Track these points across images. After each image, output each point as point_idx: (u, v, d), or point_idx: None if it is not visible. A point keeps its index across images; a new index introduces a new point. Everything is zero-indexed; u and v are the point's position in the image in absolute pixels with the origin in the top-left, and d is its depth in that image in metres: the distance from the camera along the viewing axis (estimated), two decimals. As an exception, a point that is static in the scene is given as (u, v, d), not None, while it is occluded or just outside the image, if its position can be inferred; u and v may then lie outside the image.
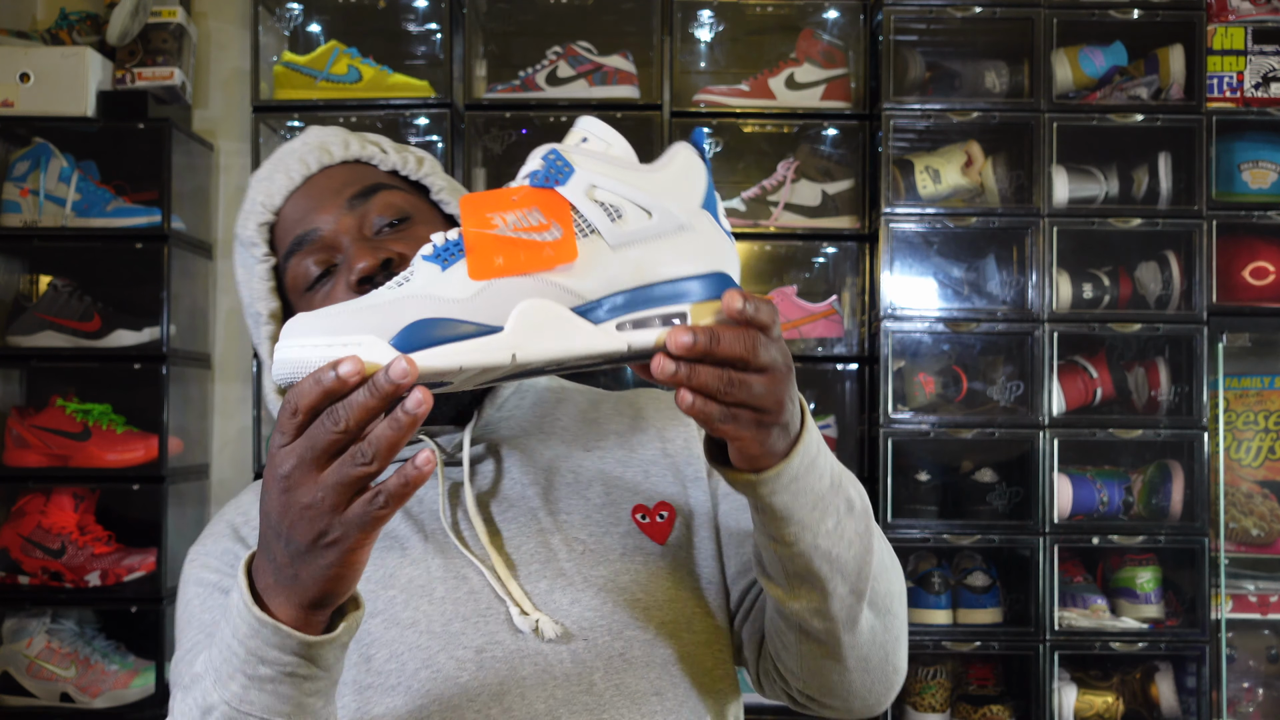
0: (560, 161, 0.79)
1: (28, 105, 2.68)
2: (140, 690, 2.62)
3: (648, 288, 0.79)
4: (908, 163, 2.72)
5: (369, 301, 0.76)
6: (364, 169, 1.10)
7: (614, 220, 0.79)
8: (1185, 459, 2.66)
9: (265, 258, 1.07)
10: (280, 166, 1.09)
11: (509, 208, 0.78)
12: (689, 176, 0.82)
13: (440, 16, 2.87)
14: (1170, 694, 2.64)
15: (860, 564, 0.92)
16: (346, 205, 1.06)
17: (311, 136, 1.12)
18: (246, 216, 1.09)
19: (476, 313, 0.75)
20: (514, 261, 0.76)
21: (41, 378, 2.80)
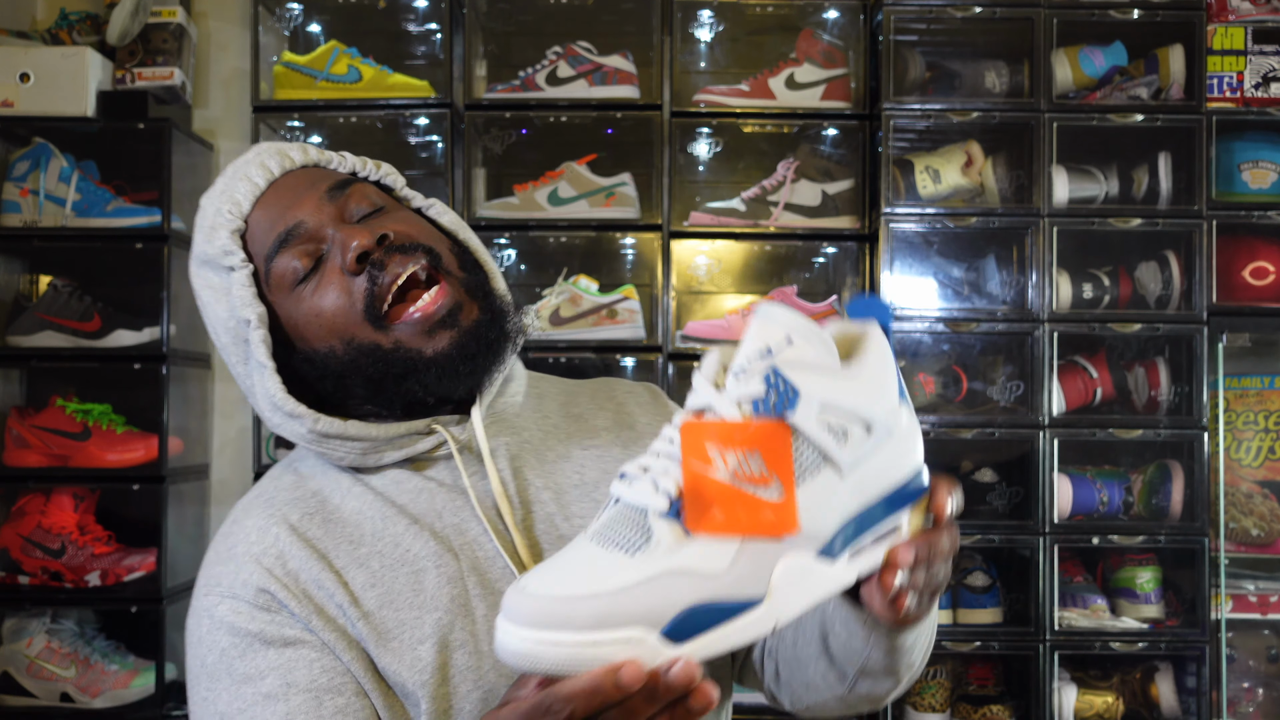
0: (785, 384, 0.72)
1: (28, 105, 2.68)
2: (140, 690, 2.62)
3: (869, 508, 0.76)
4: (908, 163, 2.72)
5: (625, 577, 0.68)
6: (324, 171, 1.06)
7: (840, 444, 0.73)
8: (1185, 459, 2.66)
9: (244, 264, 1.00)
10: (239, 175, 1.04)
11: (730, 444, 0.70)
12: (885, 369, 0.76)
13: (440, 16, 2.87)
14: (1170, 694, 2.64)
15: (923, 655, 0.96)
16: (326, 196, 1.02)
17: (264, 146, 1.07)
18: (213, 231, 1.01)
19: (737, 586, 0.70)
20: (734, 522, 0.70)
21: (41, 378, 2.80)
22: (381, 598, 0.96)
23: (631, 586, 0.68)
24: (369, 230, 0.98)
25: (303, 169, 1.05)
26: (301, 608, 0.95)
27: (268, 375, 0.99)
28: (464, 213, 2.77)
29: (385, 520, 1.00)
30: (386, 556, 0.98)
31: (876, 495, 0.76)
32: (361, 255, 0.97)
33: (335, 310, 0.98)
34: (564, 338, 2.72)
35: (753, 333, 0.75)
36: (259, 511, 1.02)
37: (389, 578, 0.97)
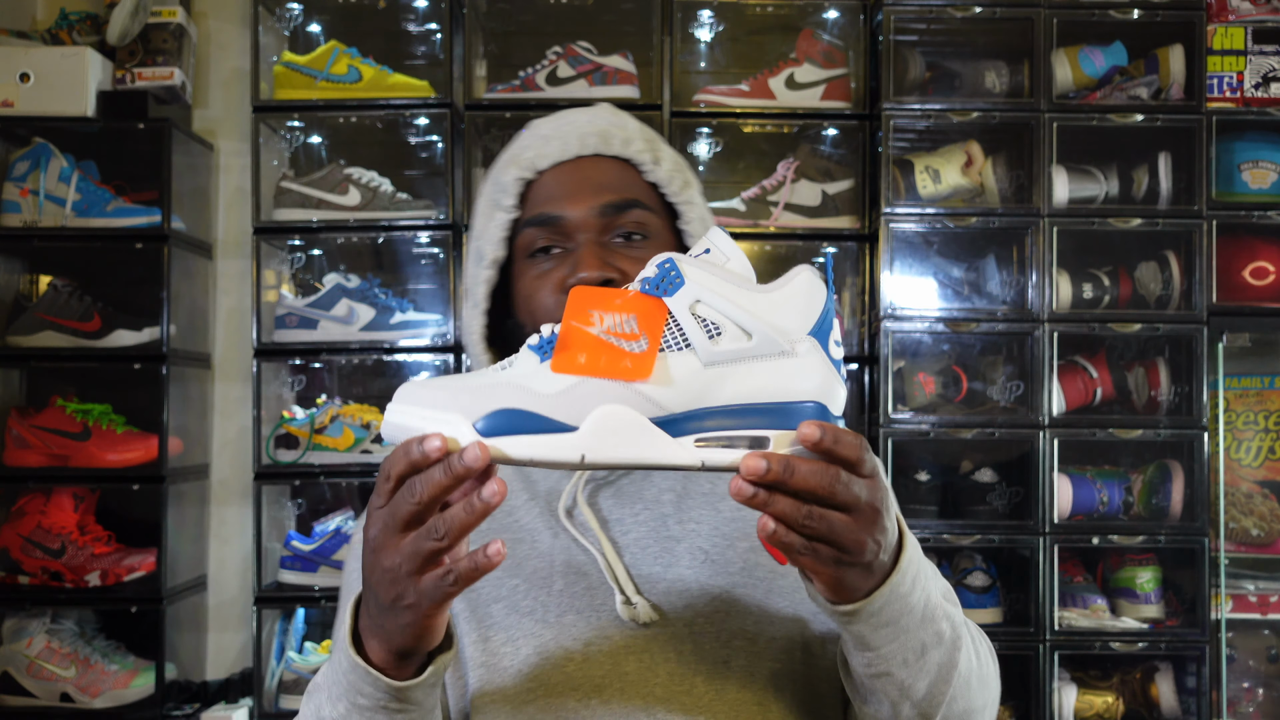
0: (674, 272, 0.81)
1: (28, 105, 2.68)
2: (140, 690, 2.62)
3: (734, 408, 0.79)
4: (908, 163, 2.72)
5: (473, 382, 0.80)
6: (630, 173, 1.12)
7: (711, 338, 0.80)
8: (1185, 459, 2.66)
9: (511, 209, 1.11)
10: (559, 134, 1.12)
11: (610, 309, 0.80)
12: (803, 300, 0.81)
13: (440, 16, 2.87)
14: (1170, 694, 2.64)
15: (934, 691, 0.91)
16: (599, 209, 1.09)
17: (601, 118, 1.13)
18: (510, 164, 1.12)
19: (557, 410, 0.78)
20: (594, 364, 0.79)
21: (41, 378, 2.80)
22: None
23: (472, 386, 0.80)
24: (602, 265, 1.06)
25: (614, 159, 1.11)
26: None
27: (476, 314, 1.13)
28: (464, 213, 2.77)
29: (513, 493, 1.13)
30: (495, 519, 1.11)
31: (742, 399, 0.79)
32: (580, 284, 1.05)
33: (539, 303, 1.08)
34: (564, 338, 2.72)
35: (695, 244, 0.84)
36: None
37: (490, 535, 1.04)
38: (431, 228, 2.76)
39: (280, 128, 2.87)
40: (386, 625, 0.83)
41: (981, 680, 0.97)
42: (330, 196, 2.77)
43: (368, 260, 2.97)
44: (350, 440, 2.73)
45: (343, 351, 2.75)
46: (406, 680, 0.86)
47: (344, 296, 2.75)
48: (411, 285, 2.98)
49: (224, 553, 2.92)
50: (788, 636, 1.06)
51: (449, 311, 2.78)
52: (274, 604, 2.73)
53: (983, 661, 0.97)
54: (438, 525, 0.77)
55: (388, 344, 2.75)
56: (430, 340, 2.76)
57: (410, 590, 0.80)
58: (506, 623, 1.06)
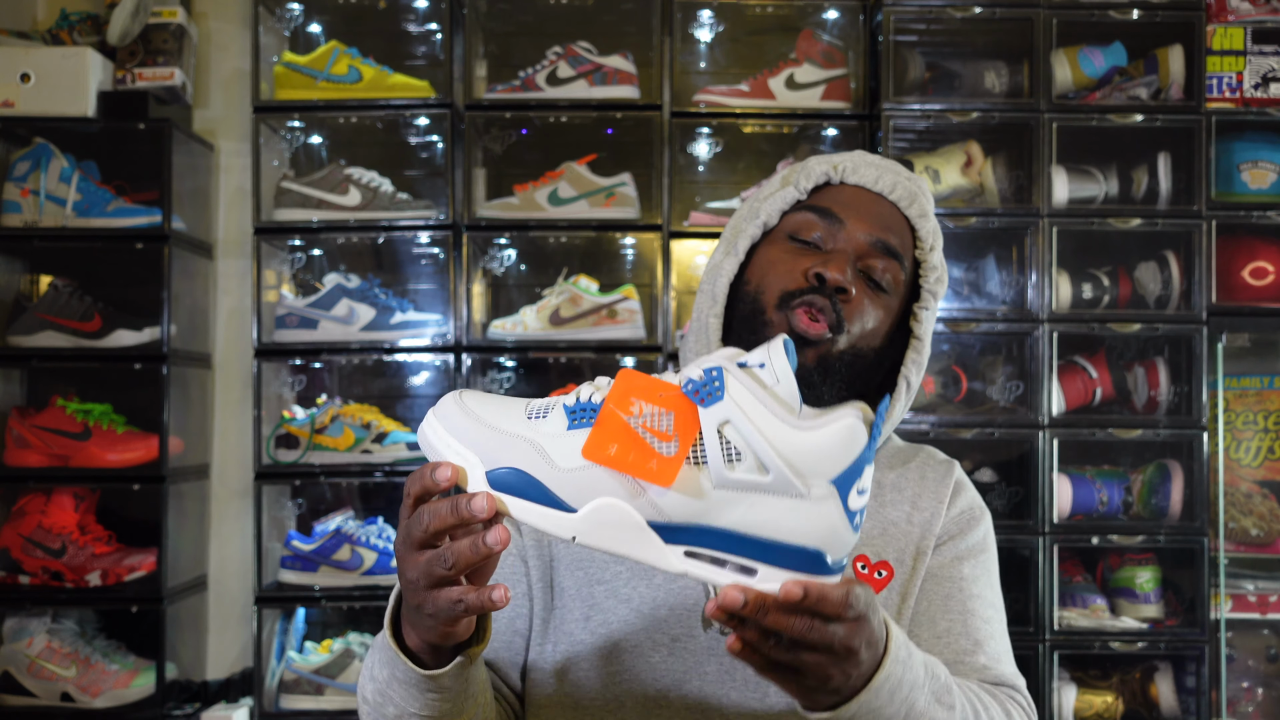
0: (718, 383, 0.80)
1: (28, 105, 2.68)
2: (141, 690, 2.62)
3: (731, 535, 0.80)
4: (908, 163, 2.72)
5: (504, 423, 0.84)
6: (909, 236, 1.20)
7: (728, 461, 0.79)
8: (1185, 459, 2.66)
9: (804, 192, 1.19)
10: (880, 167, 1.20)
11: (652, 399, 0.81)
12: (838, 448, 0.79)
13: (440, 16, 2.87)
14: (1170, 694, 2.64)
15: None
16: (874, 242, 1.16)
17: (917, 184, 1.21)
18: (823, 161, 1.20)
19: (563, 488, 0.81)
20: (623, 458, 0.80)
21: (42, 378, 2.80)
22: None
23: (499, 431, 0.83)
24: (845, 282, 1.12)
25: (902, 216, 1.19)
26: None
27: (732, 259, 1.19)
28: (464, 213, 2.77)
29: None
30: None
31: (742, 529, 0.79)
32: (820, 279, 1.12)
33: (781, 274, 1.15)
34: (564, 338, 2.72)
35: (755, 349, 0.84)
36: None
37: None
38: (431, 228, 2.76)
39: (280, 128, 2.87)
40: (414, 622, 0.91)
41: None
42: (330, 196, 2.77)
43: (368, 260, 2.97)
44: (350, 440, 2.73)
45: (343, 351, 2.75)
46: (435, 670, 0.92)
47: (344, 296, 2.75)
48: (411, 285, 2.98)
49: (224, 553, 2.92)
50: None
51: (449, 311, 2.78)
52: (274, 604, 2.73)
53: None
54: (447, 556, 0.83)
55: (388, 344, 2.75)
56: (430, 340, 2.76)
57: (428, 602, 0.86)
58: (606, 605, 1.12)
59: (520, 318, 2.76)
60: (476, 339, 2.78)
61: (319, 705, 2.66)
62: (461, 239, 2.77)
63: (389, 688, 0.95)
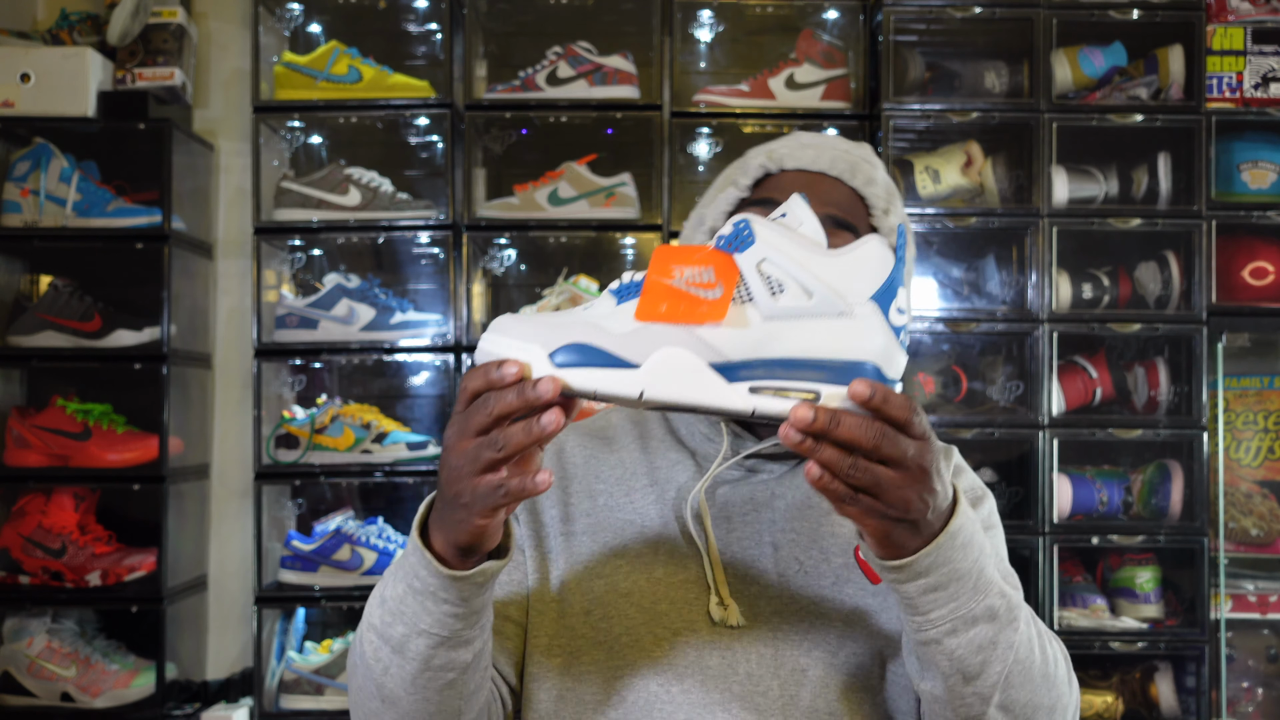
0: (746, 231, 0.86)
1: (28, 105, 2.68)
2: (141, 690, 2.62)
3: (789, 361, 0.84)
4: (908, 163, 2.73)
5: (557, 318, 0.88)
6: (859, 208, 1.18)
7: (774, 294, 0.85)
8: (1185, 459, 2.66)
9: (745, 189, 1.19)
10: (820, 149, 1.19)
11: (690, 262, 0.86)
12: (868, 266, 0.85)
13: (440, 16, 2.87)
14: (1170, 694, 2.64)
15: (985, 668, 0.92)
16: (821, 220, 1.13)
17: (858, 152, 1.19)
18: (758, 153, 1.21)
19: (624, 348, 0.85)
20: (674, 310, 0.85)
21: (42, 378, 2.80)
22: (591, 528, 1.15)
23: (555, 322, 0.87)
24: None
25: (849, 188, 1.17)
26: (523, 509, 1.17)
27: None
28: (464, 213, 2.77)
29: (635, 476, 1.18)
30: (611, 497, 1.17)
31: (799, 354, 0.84)
32: None
33: None
34: (564, 338, 2.72)
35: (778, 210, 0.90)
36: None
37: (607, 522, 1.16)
38: (431, 228, 2.76)
39: (280, 128, 2.87)
40: (446, 519, 0.90)
41: (1047, 678, 0.97)
42: (330, 196, 2.77)
43: (368, 260, 2.97)
44: (350, 440, 2.73)
45: (343, 351, 2.75)
46: (458, 571, 0.91)
47: (344, 296, 2.75)
48: (411, 285, 2.98)
49: (224, 553, 2.92)
50: (869, 652, 1.10)
51: (449, 311, 2.78)
52: (274, 604, 2.73)
53: (1049, 660, 0.98)
54: (499, 438, 0.84)
55: (388, 344, 2.75)
56: (430, 340, 2.76)
57: (467, 490, 0.86)
58: (606, 599, 1.12)
59: (520, 318, 2.76)
60: (476, 339, 2.77)
61: (319, 705, 2.66)
62: (461, 239, 2.77)
63: (402, 604, 0.94)
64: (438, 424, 2.90)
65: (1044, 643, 0.98)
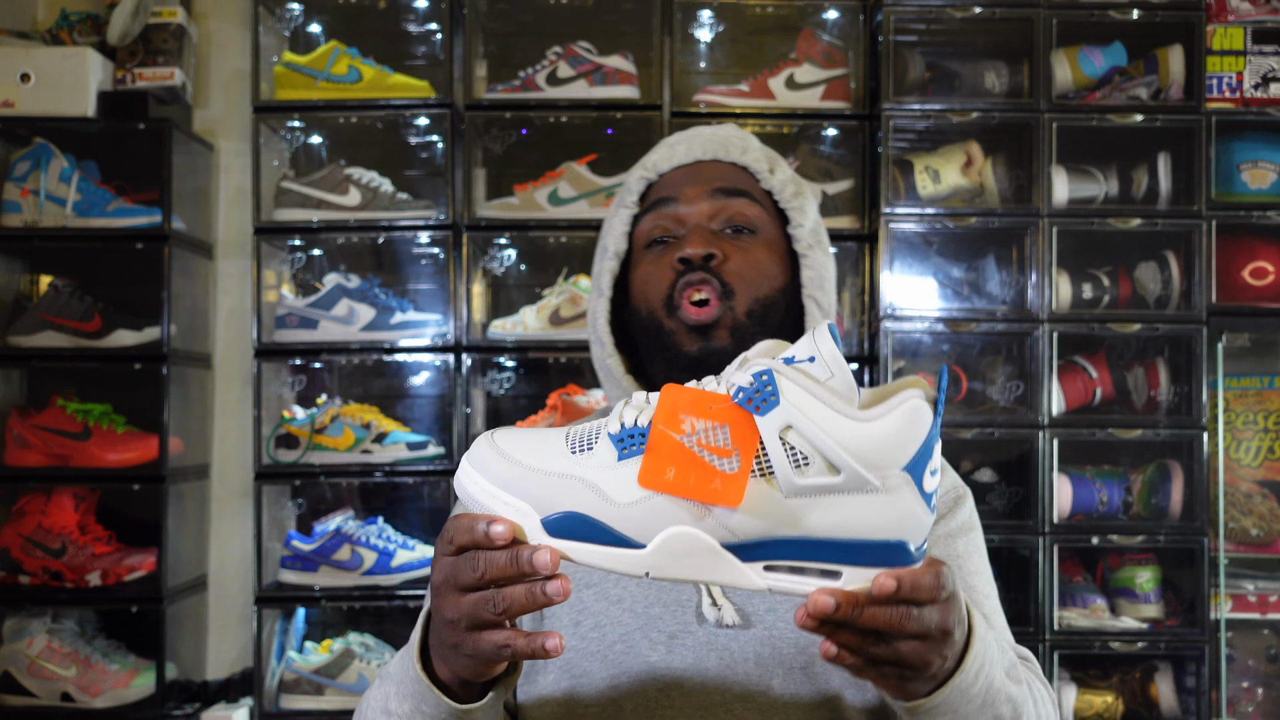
0: (770, 387, 0.76)
1: (28, 105, 2.68)
2: (141, 690, 2.62)
3: (809, 542, 0.76)
4: (907, 163, 2.73)
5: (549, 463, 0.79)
6: (745, 176, 1.21)
7: (798, 468, 0.76)
8: (1185, 459, 2.66)
9: (633, 205, 1.22)
10: (684, 142, 1.23)
11: (702, 414, 0.76)
12: (905, 433, 0.76)
13: (440, 16, 2.87)
14: (1170, 694, 2.64)
15: None
16: (709, 194, 1.18)
17: (726, 131, 1.24)
18: (636, 169, 1.24)
19: (628, 524, 0.77)
20: (683, 482, 0.75)
21: (42, 378, 2.80)
22: None
23: (546, 473, 0.78)
24: (706, 243, 1.14)
25: (730, 164, 1.21)
26: None
27: (601, 300, 1.21)
28: (464, 213, 2.77)
29: None
30: None
31: (822, 534, 0.76)
32: (686, 260, 1.14)
33: (654, 287, 1.17)
34: (564, 338, 2.72)
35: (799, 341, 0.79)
36: None
37: None
38: (431, 228, 2.76)
39: (280, 128, 2.87)
40: (448, 659, 0.87)
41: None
42: (330, 196, 2.77)
43: (368, 260, 2.97)
44: (350, 440, 2.73)
45: (343, 351, 2.75)
46: (468, 704, 0.90)
47: (344, 296, 2.75)
48: (411, 285, 2.98)
49: (224, 553, 2.92)
50: None
51: (449, 311, 2.78)
52: (274, 604, 2.73)
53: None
54: (498, 600, 0.79)
55: (388, 344, 2.75)
56: (430, 340, 2.76)
57: (468, 643, 0.83)
58: (596, 609, 1.11)
59: (520, 318, 2.76)
60: (476, 339, 2.78)
61: (319, 705, 2.66)
62: (461, 239, 2.77)
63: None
64: (438, 424, 2.90)
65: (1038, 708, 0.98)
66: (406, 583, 2.68)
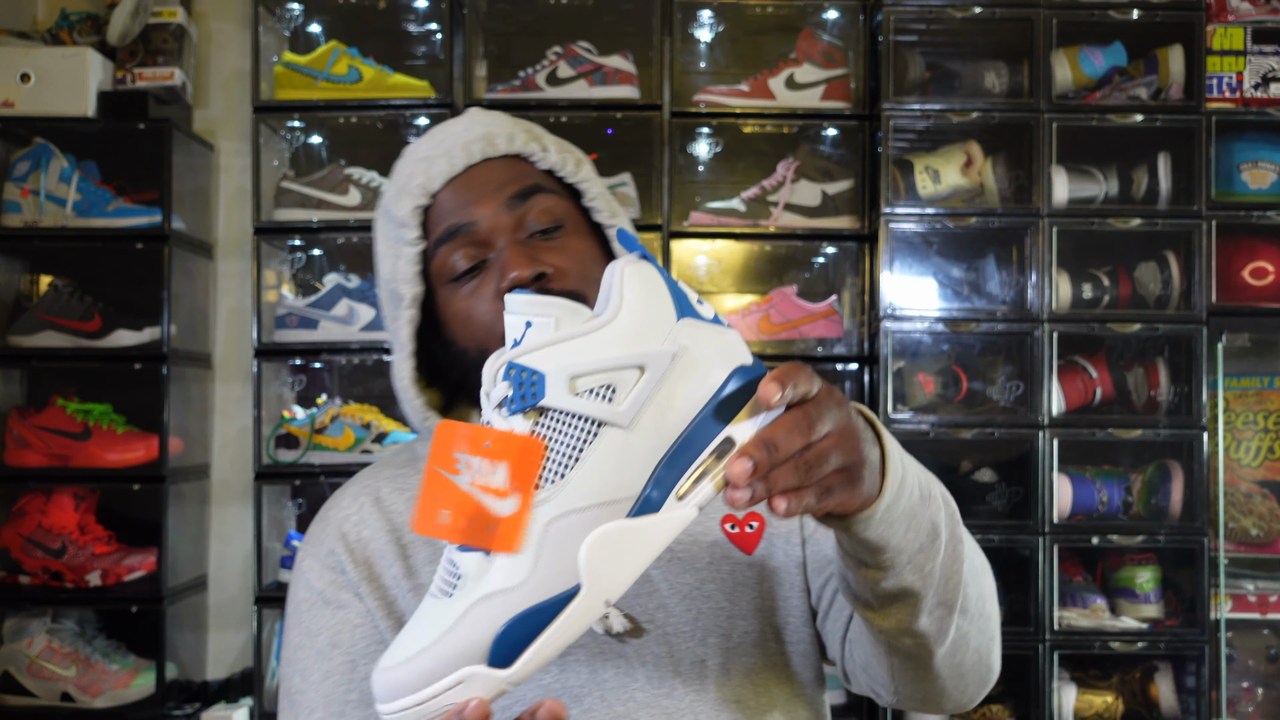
0: (524, 373, 0.71)
1: (28, 105, 2.68)
2: (141, 690, 2.62)
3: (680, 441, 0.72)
4: (907, 163, 2.73)
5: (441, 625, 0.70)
6: (523, 165, 1.07)
7: (609, 401, 0.71)
8: (1185, 459, 2.66)
9: (416, 241, 1.05)
10: (442, 150, 1.07)
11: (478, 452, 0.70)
12: (648, 297, 0.73)
13: (440, 16, 2.87)
14: (1170, 694, 2.64)
15: (948, 573, 0.88)
16: (505, 204, 1.04)
17: (478, 124, 1.08)
18: (400, 195, 1.07)
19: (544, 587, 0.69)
20: (456, 527, 0.69)
21: (42, 378, 2.80)
22: None
23: (448, 630, 0.69)
24: (531, 261, 1.00)
25: (502, 158, 1.06)
26: (358, 573, 1.05)
27: (404, 358, 1.07)
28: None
29: None
30: None
31: (683, 425, 0.72)
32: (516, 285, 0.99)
33: (481, 321, 1.02)
34: (564, 338, 2.72)
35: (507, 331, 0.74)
36: (361, 480, 1.12)
37: None
38: (432, 228, 2.76)
39: (280, 128, 2.87)
40: None
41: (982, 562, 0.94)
42: (330, 196, 2.77)
43: (368, 260, 2.97)
44: (350, 440, 2.73)
45: (343, 351, 2.75)
46: None
47: (344, 296, 2.75)
48: (412, 285, 2.97)
49: (224, 553, 2.92)
50: (759, 627, 1.05)
51: (449, 311, 2.78)
52: (274, 604, 2.73)
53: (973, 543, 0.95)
54: None
55: (388, 344, 2.74)
56: (430, 340, 2.76)
57: None
58: None
59: (520, 318, 2.76)
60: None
61: (319, 705, 2.66)
62: (461, 239, 2.76)
63: None
64: (438, 424, 2.90)
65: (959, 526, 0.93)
66: (406, 583, 2.68)
